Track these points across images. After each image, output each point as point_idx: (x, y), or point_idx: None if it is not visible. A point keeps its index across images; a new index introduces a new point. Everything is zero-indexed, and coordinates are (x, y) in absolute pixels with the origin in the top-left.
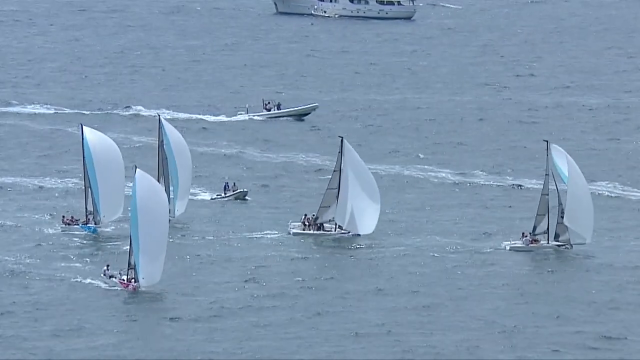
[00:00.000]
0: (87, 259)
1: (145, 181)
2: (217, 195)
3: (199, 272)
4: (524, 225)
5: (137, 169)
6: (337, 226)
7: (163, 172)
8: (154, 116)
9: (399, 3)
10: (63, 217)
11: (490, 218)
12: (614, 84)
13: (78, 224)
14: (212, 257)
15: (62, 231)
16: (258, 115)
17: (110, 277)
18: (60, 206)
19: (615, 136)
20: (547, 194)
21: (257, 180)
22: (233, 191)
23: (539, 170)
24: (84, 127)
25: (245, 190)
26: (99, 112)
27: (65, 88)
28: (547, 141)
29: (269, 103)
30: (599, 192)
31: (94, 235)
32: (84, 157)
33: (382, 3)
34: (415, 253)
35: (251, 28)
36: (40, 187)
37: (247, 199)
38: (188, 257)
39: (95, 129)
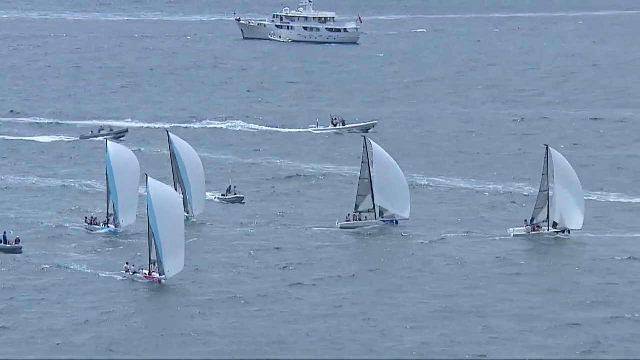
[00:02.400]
0: (108, 254)
1: (157, 185)
2: (222, 195)
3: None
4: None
5: (148, 177)
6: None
7: (178, 180)
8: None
9: (345, 30)
10: (86, 218)
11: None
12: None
13: (99, 225)
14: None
15: (85, 229)
16: (326, 130)
17: (134, 272)
18: (83, 208)
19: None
20: (546, 190)
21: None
22: (234, 194)
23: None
24: (108, 141)
25: (242, 196)
26: (185, 125)
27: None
28: (546, 145)
29: (335, 119)
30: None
31: (114, 234)
32: (106, 167)
33: (331, 30)
34: (445, 240)
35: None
36: (66, 190)
37: (243, 203)
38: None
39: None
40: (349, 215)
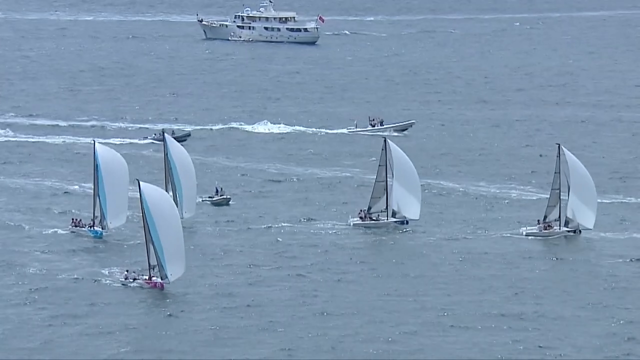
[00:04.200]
0: (97, 257)
1: (152, 190)
2: (209, 197)
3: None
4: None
5: (140, 182)
6: (392, 214)
7: (169, 181)
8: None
9: (305, 30)
10: (73, 219)
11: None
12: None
13: (85, 227)
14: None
15: (71, 232)
16: (365, 130)
17: (134, 279)
18: (69, 210)
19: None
20: (558, 189)
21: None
22: (220, 196)
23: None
24: (96, 142)
25: (229, 197)
26: (213, 127)
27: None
28: (559, 144)
29: (374, 120)
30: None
31: (99, 237)
32: (94, 169)
33: (291, 30)
34: (457, 239)
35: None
36: (54, 192)
37: (230, 204)
38: (280, 239)
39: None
40: (361, 211)
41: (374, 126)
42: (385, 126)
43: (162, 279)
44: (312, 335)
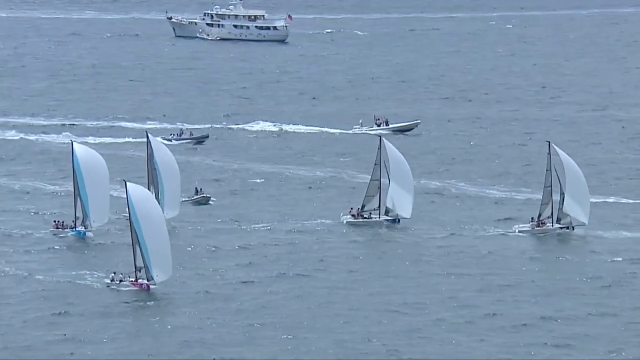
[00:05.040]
0: (80, 259)
1: (138, 190)
2: (188, 197)
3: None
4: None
5: (127, 182)
6: (385, 212)
7: (152, 181)
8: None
9: (274, 28)
10: (55, 221)
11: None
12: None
13: (68, 228)
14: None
15: (53, 234)
16: (370, 130)
17: (120, 281)
18: (51, 211)
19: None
20: (550, 186)
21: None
22: (200, 195)
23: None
24: (73, 142)
25: (208, 195)
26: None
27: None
28: (549, 142)
29: (379, 119)
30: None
31: (83, 238)
32: (73, 169)
33: (260, 28)
34: (450, 237)
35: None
36: (30, 192)
37: (210, 203)
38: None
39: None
40: (351, 209)
41: (379, 125)
42: (390, 126)
43: (147, 281)
44: (307, 337)
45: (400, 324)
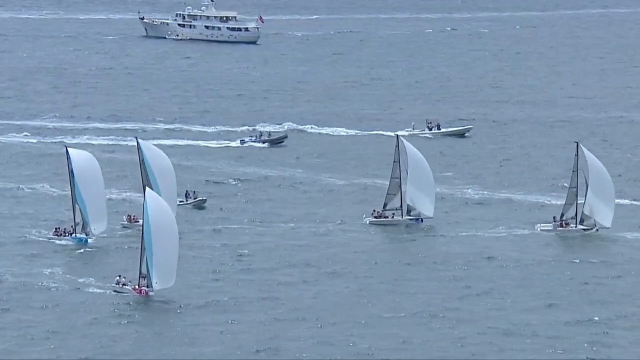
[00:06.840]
0: (82, 265)
1: (154, 199)
2: (180, 201)
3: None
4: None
5: (147, 189)
6: (407, 211)
7: (146, 185)
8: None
9: (246, 29)
10: (56, 228)
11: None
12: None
13: (68, 235)
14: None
15: (54, 241)
16: (422, 133)
17: (123, 285)
18: (48, 217)
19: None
20: (575, 187)
21: None
22: (194, 199)
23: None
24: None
25: (204, 198)
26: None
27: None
28: (577, 142)
29: (430, 123)
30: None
31: (85, 244)
32: (70, 175)
33: (232, 29)
34: (472, 236)
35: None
36: (28, 197)
37: (205, 206)
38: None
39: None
40: (374, 211)
41: (431, 129)
42: (442, 130)
43: (147, 287)
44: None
45: (443, 332)
